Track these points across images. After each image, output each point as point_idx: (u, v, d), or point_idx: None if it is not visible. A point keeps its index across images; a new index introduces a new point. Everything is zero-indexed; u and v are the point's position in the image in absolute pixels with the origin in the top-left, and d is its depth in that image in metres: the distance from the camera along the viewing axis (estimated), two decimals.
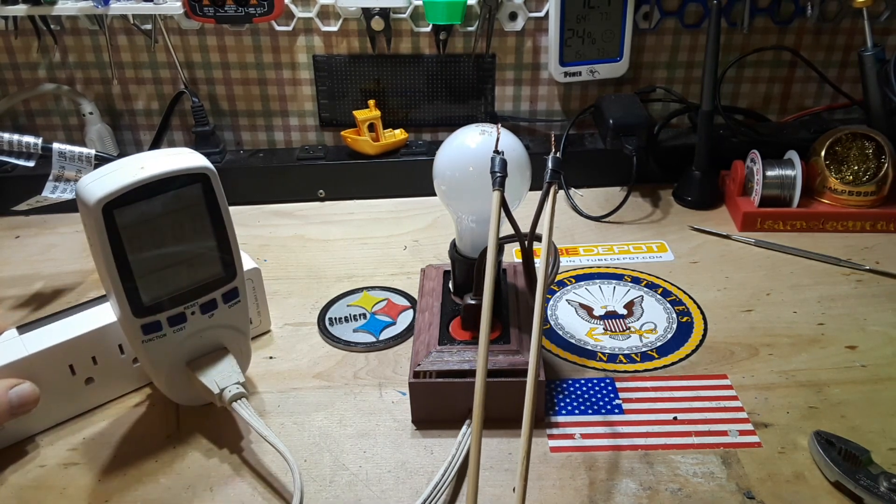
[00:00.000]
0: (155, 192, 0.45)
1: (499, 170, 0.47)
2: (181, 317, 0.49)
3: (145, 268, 0.46)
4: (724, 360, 0.58)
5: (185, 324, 0.50)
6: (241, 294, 0.52)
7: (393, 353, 0.60)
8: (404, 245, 0.76)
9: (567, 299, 0.66)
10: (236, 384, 0.50)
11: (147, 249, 0.46)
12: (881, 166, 0.74)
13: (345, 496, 0.47)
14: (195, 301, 0.49)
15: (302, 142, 0.90)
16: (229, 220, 0.49)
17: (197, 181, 0.47)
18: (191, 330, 0.50)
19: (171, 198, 0.46)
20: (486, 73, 0.86)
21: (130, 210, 0.44)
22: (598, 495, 0.47)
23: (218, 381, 0.50)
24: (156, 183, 0.45)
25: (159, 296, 0.48)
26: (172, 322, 0.49)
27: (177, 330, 0.49)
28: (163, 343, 0.49)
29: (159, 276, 0.47)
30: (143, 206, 0.45)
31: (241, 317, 0.53)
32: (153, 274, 0.47)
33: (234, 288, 0.51)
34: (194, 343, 0.51)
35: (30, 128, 0.88)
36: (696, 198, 0.81)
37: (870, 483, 0.45)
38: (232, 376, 0.51)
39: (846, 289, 0.66)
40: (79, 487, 0.49)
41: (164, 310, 0.48)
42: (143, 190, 0.44)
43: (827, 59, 0.88)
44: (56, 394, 0.52)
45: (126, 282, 0.46)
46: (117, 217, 0.44)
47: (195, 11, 0.77)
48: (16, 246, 0.77)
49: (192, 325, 0.50)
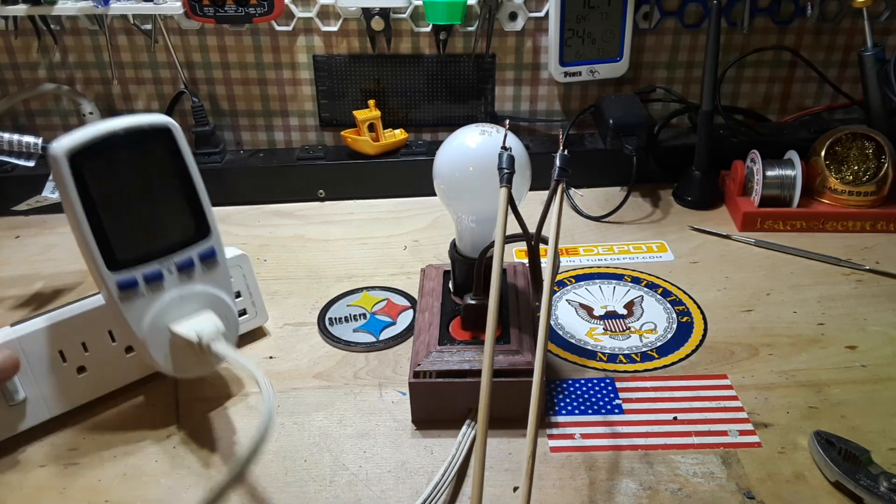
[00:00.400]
0: (121, 147, 0.47)
1: (506, 166, 0.47)
2: (157, 274, 0.49)
3: (116, 222, 0.47)
4: (724, 360, 0.58)
5: (163, 282, 0.49)
6: (218, 255, 0.52)
7: (393, 353, 0.60)
8: (404, 245, 0.76)
9: (567, 299, 0.66)
10: (216, 329, 0.50)
11: (117, 203, 0.47)
12: (881, 166, 0.74)
13: (345, 496, 0.47)
14: (170, 257, 0.50)
15: (302, 142, 0.90)
16: (198, 177, 0.50)
17: (161, 137, 0.48)
18: (170, 290, 0.50)
19: (137, 153, 0.48)
20: (486, 73, 0.86)
21: (98, 163, 0.46)
22: (598, 495, 0.47)
23: (198, 331, 0.50)
24: (122, 138, 0.46)
25: (133, 250, 0.48)
26: (149, 279, 0.49)
27: (154, 288, 0.49)
28: (141, 303, 0.49)
29: (132, 231, 0.48)
30: (110, 159, 0.47)
31: (222, 280, 0.53)
32: (125, 229, 0.48)
33: (211, 248, 0.51)
34: (176, 308, 0.50)
35: (30, 128, 0.88)
36: (696, 198, 0.81)
37: (870, 483, 0.45)
38: (212, 326, 0.50)
39: (846, 289, 0.67)
40: (79, 487, 0.49)
41: (140, 264, 0.48)
42: (110, 144, 0.46)
43: (827, 59, 0.88)
44: (49, 383, 0.52)
45: (98, 234, 0.47)
46: (85, 170, 0.45)
47: (195, 11, 0.77)
48: (16, 246, 0.77)
49: (171, 285, 0.50)
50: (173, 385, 0.57)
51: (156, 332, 0.50)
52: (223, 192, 0.83)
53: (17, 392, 0.51)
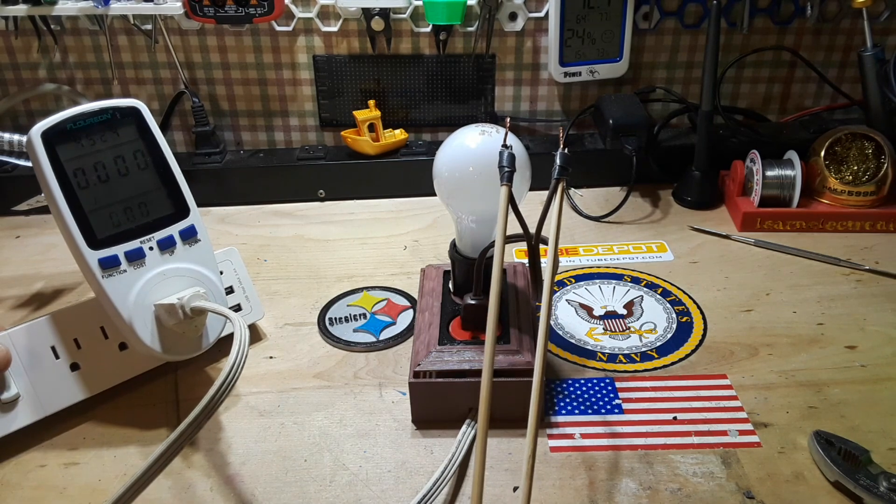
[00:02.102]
0: (94, 131, 0.50)
1: (507, 164, 0.47)
2: (139, 251, 0.50)
3: (94, 201, 0.49)
4: (723, 359, 0.58)
5: (145, 259, 0.50)
6: (199, 233, 0.53)
7: (393, 353, 0.60)
8: (404, 245, 0.76)
9: (567, 299, 0.66)
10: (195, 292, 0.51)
11: (93, 184, 0.49)
12: (881, 166, 0.74)
13: (345, 496, 0.48)
14: (151, 235, 0.51)
15: (302, 142, 0.90)
16: (171, 157, 0.53)
17: (131, 117, 0.51)
18: (153, 268, 0.51)
19: (109, 135, 0.50)
20: (486, 74, 0.86)
21: (71, 145, 0.49)
22: (597, 495, 0.47)
23: (179, 297, 0.51)
24: (93, 119, 0.50)
25: (112, 229, 0.50)
26: (131, 257, 0.50)
27: (136, 266, 0.50)
28: (124, 280, 0.50)
29: (110, 211, 0.50)
30: (83, 142, 0.49)
31: (206, 257, 0.53)
32: (103, 209, 0.50)
33: (191, 226, 0.53)
34: (160, 285, 0.51)
35: (29, 128, 0.88)
36: (695, 198, 0.81)
37: (869, 483, 0.45)
38: (191, 291, 0.51)
39: (846, 289, 0.67)
40: (79, 487, 0.49)
41: (120, 242, 0.50)
42: (81, 126, 0.49)
43: (826, 59, 0.88)
44: (42, 380, 0.52)
45: (77, 214, 0.48)
46: (59, 152, 0.48)
47: (195, 11, 0.77)
48: (16, 246, 0.77)
49: (153, 262, 0.51)
50: (173, 385, 0.57)
51: (141, 310, 0.50)
52: (223, 192, 0.83)
53: (9, 389, 0.50)
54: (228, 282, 0.59)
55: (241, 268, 0.61)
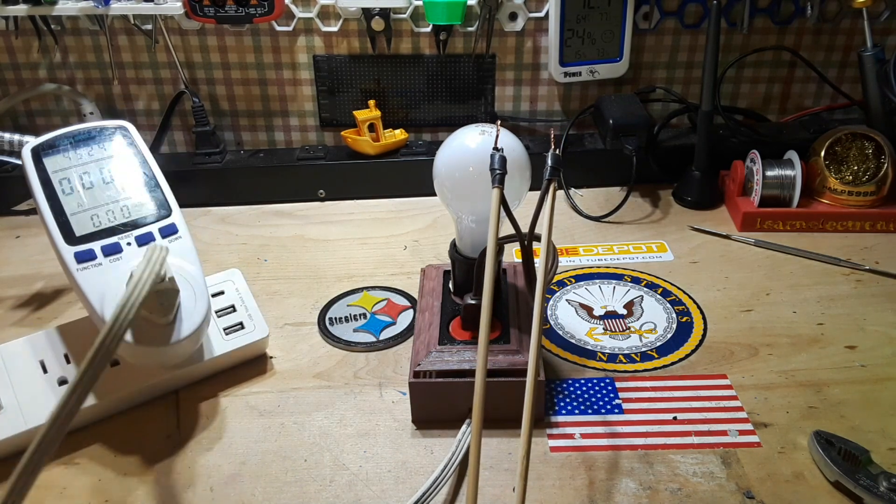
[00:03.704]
0: (80, 144, 0.54)
1: (498, 167, 0.47)
2: (116, 246, 0.51)
3: (77, 206, 0.52)
4: (723, 359, 0.58)
5: (122, 254, 0.51)
6: (181, 230, 0.54)
7: (393, 352, 0.60)
8: (404, 245, 0.76)
9: (567, 299, 0.66)
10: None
11: (77, 190, 0.52)
12: (881, 166, 0.74)
13: (345, 496, 0.48)
14: (129, 232, 0.52)
15: (302, 142, 0.90)
16: (157, 168, 0.55)
17: (118, 136, 0.55)
18: (129, 261, 0.51)
19: (94, 147, 0.54)
20: (486, 74, 0.86)
21: (56, 156, 0.53)
22: (597, 495, 0.47)
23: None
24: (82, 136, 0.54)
25: (92, 228, 0.52)
26: (107, 251, 0.51)
27: (113, 260, 0.51)
28: (99, 272, 0.50)
29: (91, 213, 0.52)
30: (68, 153, 0.53)
31: (187, 252, 0.53)
32: (85, 211, 0.52)
33: (172, 224, 0.54)
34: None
35: (30, 128, 0.88)
36: (695, 198, 0.81)
37: (869, 483, 0.45)
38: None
39: (846, 289, 0.67)
40: (79, 487, 0.49)
41: (98, 239, 0.51)
42: (68, 140, 0.54)
43: (826, 59, 0.88)
44: (29, 394, 0.51)
45: (59, 217, 0.51)
46: (46, 162, 0.52)
47: (196, 11, 0.78)
48: (16, 246, 0.77)
49: (131, 256, 0.51)
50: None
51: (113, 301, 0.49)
52: (223, 192, 0.83)
53: None
54: (231, 301, 0.59)
55: (243, 288, 0.60)
